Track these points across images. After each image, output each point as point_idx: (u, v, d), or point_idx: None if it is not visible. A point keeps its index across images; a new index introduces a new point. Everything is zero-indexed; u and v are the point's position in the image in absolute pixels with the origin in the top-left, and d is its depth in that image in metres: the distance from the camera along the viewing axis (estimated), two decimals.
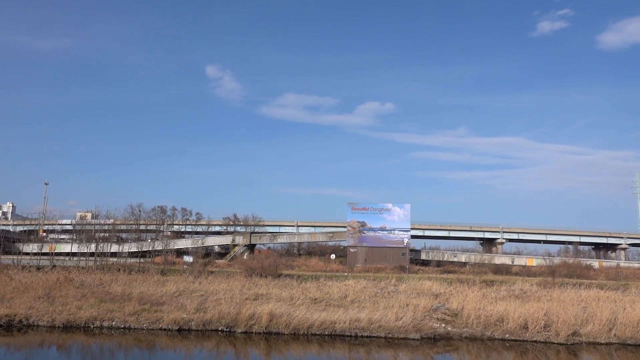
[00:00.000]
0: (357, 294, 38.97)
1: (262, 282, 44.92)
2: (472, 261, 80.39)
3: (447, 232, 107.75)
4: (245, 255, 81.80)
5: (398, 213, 79.73)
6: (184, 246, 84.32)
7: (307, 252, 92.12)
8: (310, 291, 40.00)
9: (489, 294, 40.07)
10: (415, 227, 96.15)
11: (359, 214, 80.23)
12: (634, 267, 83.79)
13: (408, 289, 42.90)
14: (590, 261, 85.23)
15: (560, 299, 38.03)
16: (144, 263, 59.69)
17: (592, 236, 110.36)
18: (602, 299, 38.09)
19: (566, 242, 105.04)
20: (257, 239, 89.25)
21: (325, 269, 65.69)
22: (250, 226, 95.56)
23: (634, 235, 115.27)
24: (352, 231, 79.67)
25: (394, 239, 78.24)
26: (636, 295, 42.07)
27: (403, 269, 66.50)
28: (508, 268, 73.84)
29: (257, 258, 64.20)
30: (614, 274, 68.32)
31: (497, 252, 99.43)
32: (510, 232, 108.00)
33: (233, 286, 41.31)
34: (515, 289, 44.87)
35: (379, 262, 74.21)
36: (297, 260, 75.84)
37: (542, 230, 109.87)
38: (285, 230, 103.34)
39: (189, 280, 44.95)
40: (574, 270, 65.27)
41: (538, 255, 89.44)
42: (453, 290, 41.79)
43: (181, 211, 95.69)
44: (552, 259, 77.39)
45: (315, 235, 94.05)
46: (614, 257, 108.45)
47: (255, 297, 36.30)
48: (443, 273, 65.30)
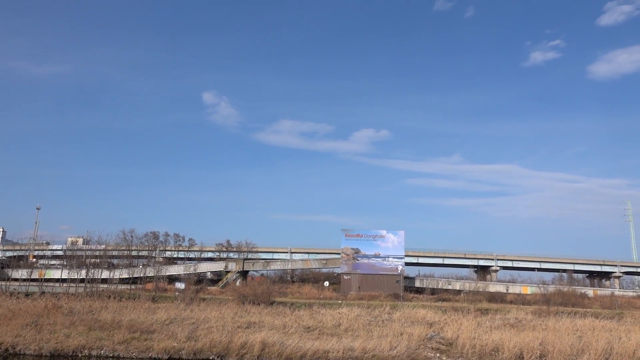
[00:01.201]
0: (350, 322, 38.48)
1: (255, 310, 44.33)
2: (467, 289, 79.86)
3: (441, 260, 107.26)
4: (237, 282, 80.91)
5: (392, 240, 79.42)
6: (176, 272, 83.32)
7: (300, 279, 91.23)
8: (303, 319, 39.48)
9: (484, 322, 39.70)
10: (409, 254, 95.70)
11: (353, 240, 79.85)
12: (628, 295, 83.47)
13: (402, 317, 42.44)
14: (584, 289, 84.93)
15: (556, 328, 37.70)
16: (134, 289, 58.86)
17: (586, 264, 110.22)
18: (598, 328, 37.80)
19: (560, 270, 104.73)
20: (250, 266, 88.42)
21: (318, 297, 64.99)
22: (243, 252, 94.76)
23: (628, 263, 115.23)
24: (345, 258, 79.16)
25: (388, 266, 77.73)
26: (631, 324, 41.80)
27: (397, 297, 65.91)
28: (503, 296, 73.34)
29: (250, 285, 63.56)
30: (608, 302, 68.01)
31: (491, 280, 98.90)
32: (505, 260, 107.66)
33: (225, 314, 40.72)
34: (510, 318, 44.49)
35: (373, 289, 73.53)
36: (291, 288, 75.03)
37: (536, 258, 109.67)
38: (278, 256, 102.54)
39: (181, 307, 44.28)
40: (569, 298, 64.97)
41: (532, 283, 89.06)
42: (447, 319, 41.37)
43: (174, 237, 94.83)
44: (546, 287, 77.06)
45: (309, 262, 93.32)
46: (608, 285, 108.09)
47: (247, 325, 35.75)
48: (437, 301, 64.76)
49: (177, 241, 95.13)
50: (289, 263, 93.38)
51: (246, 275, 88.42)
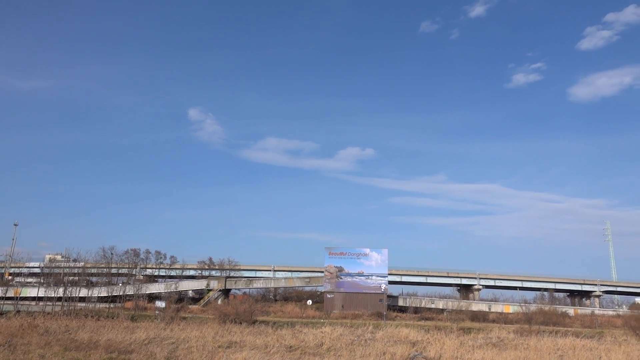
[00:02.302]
0: (333, 341, 38.12)
1: (237, 329, 43.70)
2: (450, 308, 79.93)
3: (424, 278, 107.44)
4: (219, 300, 79.88)
5: (376, 258, 79.39)
6: (157, 291, 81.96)
7: (283, 298, 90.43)
8: (285, 339, 39.01)
9: (467, 341, 39.65)
10: (392, 272, 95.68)
11: (337, 258, 79.62)
12: (608, 314, 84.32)
13: (385, 336, 42.20)
14: (565, 308, 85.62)
15: (537, 347, 37.81)
16: (113, 308, 57.70)
17: (567, 283, 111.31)
18: (578, 348, 38.02)
19: (542, 289, 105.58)
20: (232, 284, 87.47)
21: (301, 315, 64.42)
22: (225, 270, 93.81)
23: (608, 282, 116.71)
24: (329, 276, 78.79)
25: (372, 285, 77.53)
26: (611, 343, 42.11)
27: (380, 316, 65.63)
28: (485, 315, 73.51)
29: (232, 304, 62.75)
30: (589, 321, 68.58)
31: (474, 299, 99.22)
32: (487, 279, 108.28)
33: (206, 333, 40.05)
34: (493, 337, 44.55)
35: (356, 308, 73.19)
36: (273, 306, 74.29)
37: (518, 277, 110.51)
38: (261, 274, 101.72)
39: (160, 326, 43.46)
40: (550, 317, 65.34)
41: (514, 302, 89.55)
42: (430, 338, 41.25)
43: (155, 254, 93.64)
44: (528, 306, 77.47)
45: (292, 280, 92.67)
46: (589, 304, 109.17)
47: (228, 345, 35.18)
48: (420, 320, 64.64)
49: (159, 259, 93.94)
50: (272, 281, 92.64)
51: (228, 293, 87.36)
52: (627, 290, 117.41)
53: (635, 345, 39.72)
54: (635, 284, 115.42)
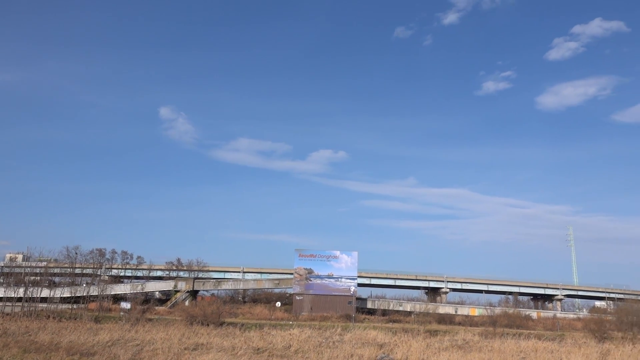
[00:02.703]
0: (301, 343, 38.06)
1: (204, 331, 43.17)
2: (417, 310, 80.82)
3: (393, 281, 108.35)
4: (187, 301, 78.76)
5: (345, 261, 79.71)
6: (122, 291, 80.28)
7: (252, 300, 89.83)
8: (253, 340, 38.75)
9: (433, 344, 40.17)
10: (362, 275, 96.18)
11: (307, 260, 79.59)
12: (569, 318, 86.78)
13: (353, 338, 42.38)
14: (529, 311, 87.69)
15: (501, 349, 38.61)
16: (76, 309, 56.23)
17: (530, 287, 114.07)
18: (540, 350, 38.97)
19: (507, 292, 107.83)
20: (200, 285, 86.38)
21: (270, 317, 64.13)
22: (194, 271, 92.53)
23: (569, 286, 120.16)
24: (299, 278, 78.68)
25: (341, 287, 77.79)
26: (572, 346, 43.35)
27: (349, 318, 65.86)
28: (452, 317, 74.66)
29: (200, 305, 61.87)
30: (550, 324, 70.44)
31: (441, 301, 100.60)
32: (454, 282, 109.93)
33: (172, 335, 39.42)
34: (458, 339, 45.25)
35: (325, 310, 73.26)
36: (242, 308, 73.72)
37: (484, 281, 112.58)
38: (230, 276, 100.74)
39: (125, 328, 42.56)
40: (514, 320, 66.82)
41: (480, 305, 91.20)
42: (398, 340, 41.63)
43: (121, 254, 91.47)
44: (493, 309, 79.05)
45: (262, 282, 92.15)
46: (551, 307, 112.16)
47: (195, 347, 34.71)
48: (388, 322, 65.15)
49: (125, 259, 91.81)
50: (241, 283, 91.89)
51: (196, 295, 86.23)
52: (587, 294, 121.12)
53: (594, 348, 40.98)
54: (596, 288, 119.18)
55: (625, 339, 49.89)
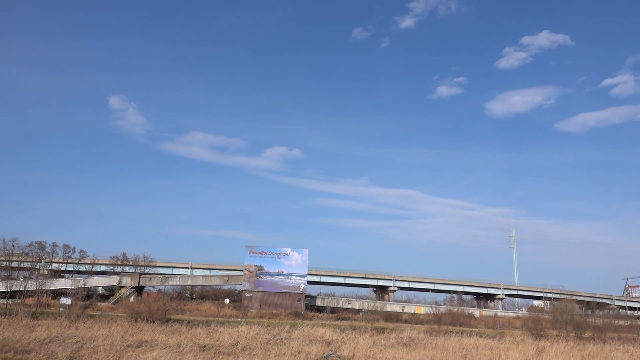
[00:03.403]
0: (248, 340, 37.76)
1: (148, 328, 42.02)
2: (365, 308, 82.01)
3: (343, 279, 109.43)
4: (132, 297, 76.56)
5: (296, 258, 79.77)
6: (63, 286, 77.09)
7: (200, 296, 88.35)
8: (199, 338, 38.11)
9: (380, 341, 40.83)
10: (312, 272, 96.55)
11: (257, 257, 79.09)
12: (509, 316, 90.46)
13: (301, 335, 42.46)
14: (472, 310, 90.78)
15: (444, 346, 39.70)
16: (12, 305, 53.49)
17: (474, 286, 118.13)
18: (481, 347, 40.36)
19: (452, 292, 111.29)
20: (146, 281, 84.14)
21: (218, 314, 63.28)
22: (140, 267, 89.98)
23: (510, 286, 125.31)
24: (248, 275, 78.06)
25: (291, 284, 77.79)
26: (510, 343, 45.15)
27: (298, 315, 65.99)
28: (398, 315, 76.21)
29: (145, 301, 60.28)
30: (492, 322, 73.18)
31: (389, 300, 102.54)
32: (402, 281, 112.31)
33: (115, 332, 38.16)
34: (404, 337, 46.21)
35: (275, 307, 73.08)
36: (189, 305, 72.37)
37: (431, 280, 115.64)
38: (178, 272, 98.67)
39: (64, 324, 40.85)
40: (458, 318, 69.00)
41: (426, 304, 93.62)
42: (345, 338, 42.03)
43: (63, 248, 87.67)
44: (438, 308, 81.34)
45: (210, 278, 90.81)
46: (493, 306, 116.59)
47: (138, 344, 33.73)
48: (337, 320, 65.73)
49: (67, 253, 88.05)
50: (188, 279, 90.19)
51: (142, 291, 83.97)
52: (526, 293, 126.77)
53: (531, 345, 42.88)
54: (534, 288, 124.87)
55: (559, 336, 52.48)
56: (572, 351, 39.42)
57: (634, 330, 67.05)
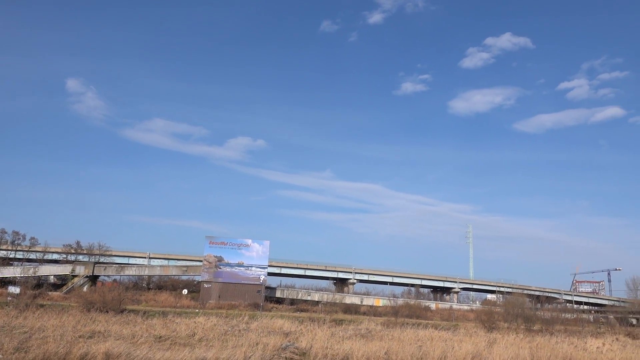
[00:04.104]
0: (206, 331, 37.38)
1: (102, 318, 40.96)
2: (325, 300, 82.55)
3: (303, 271, 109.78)
4: (85, 287, 74.42)
5: (257, 249, 79.35)
6: (11, 275, 74.18)
7: (157, 287, 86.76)
8: (155, 328, 37.44)
9: (338, 332, 41.19)
10: (273, 264, 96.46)
11: (217, 248, 78.20)
12: (463, 309, 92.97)
13: (260, 327, 42.35)
14: (428, 303, 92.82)
15: (401, 338, 40.44)
16: None
17: (431, 280, 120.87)
18: (436, 338, 41.32)
19: (409, 285, 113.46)
20: (101, 270, 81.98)
21: (175, 305, 62.33)
22: (95, 255, 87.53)
23: (466, 280, 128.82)
24: (208, 266, 77.13)
25: (251, 276, 77.39)
26: (464, 335, 46.43)
27: (257, 307, 65.77)
28: (357, 307, 77.08)
29: (99, 291, 58.62)
30: (447, 315, 75.04)
31: (348, 292, 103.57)
32: (362, 273, 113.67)
33: (66, 322, 37.01)
34: (362, 328, 46.79)
35: (234, 298, 72.59)
36: (146, 295, 70.95)
37: (390, 273, 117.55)
38: (135, 261, 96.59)
39: (12, 314, 39.31)
40: (415, 311, 70.39)
41: (384, 296, 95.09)
42: (304, 329, 42.21)
43: (12, 235, 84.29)
44: (396, 300, 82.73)
45: (168, 268, 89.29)
46: (448, 299, 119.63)
47: (90, 335, 32.83)
48: (296, 311, 65.89)
49: (16, 239, 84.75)
50: (146, 269, 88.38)
51: (96, 280, 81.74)
52: (481, 287, 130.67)
53: (483, 337, 44.24)
54: (488, 282, 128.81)
55: (510, 329, 54.37)
56: (521, 343, 40.92)
57: (579, 324, 70.19)
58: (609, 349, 41.41)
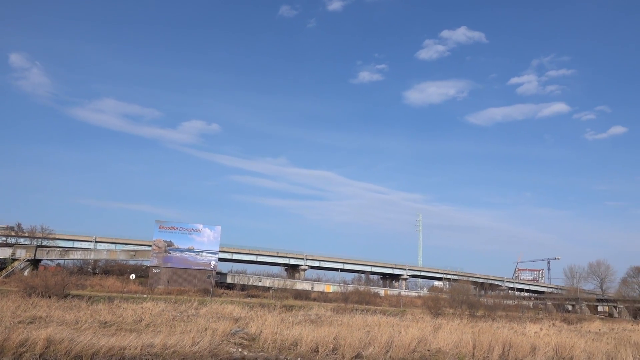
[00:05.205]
0: (153, 317, 36.79)
1: (44, 303, 39.53)
2: (276, 286, 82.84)
3: (255, 257, 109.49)
4: (26, 271, 71.43)
5: (208, 235, 78.42)
6: None
7: (104, 271, 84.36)
8: (101, 314, 36.51)
9: (288, 318, 41.51)
10: (224, 250, 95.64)
11: (167, 233, 76.72)
12: (411, 295, 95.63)
13: (209, 312, 42.10)
14: (377, 289, 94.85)
15: (350, 323, 41.22)
16: None
17: (381, 267, 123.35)
18: (383, 324, 42.38)
19: (360, 271, 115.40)
20: (44, 254, 78.82)
21: (122, 290, 60.89)
22: (37, 239, 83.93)
23: (414, 267, 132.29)
24: (157, 250, 75.60)
25: (201, 261, 76.50)
26: (410, 320, 47.87)
27: (207, 292, 65.21)
28: (308, 294, 77.83)
29: (41, 275, 56.45)
30: (395, 301, 76.98)
31: (299, 278, 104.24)
32: (313, 260, 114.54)
33: (4, 307, 35.52)
34: (312, 314, 47.36)
35: (183, 284, 71.64)
36: (91, 280, 68.89)
37: (341, 260, 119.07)
38: (80, 245, 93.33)
39: None
40: (364, 297, 71.80)
41: (335, 282, 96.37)
42: (254, 315, 42.30)
43: None
44: (346, 286, 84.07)
45: (116, 252, 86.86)
46: (397, 286, 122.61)
47: (31, 320, 31.66)
48: (247, 297, 65.82)
49: None
50: (92, 253, 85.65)
51: (38, 264, 78.56)
52: (429, 274, 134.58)
53: (429, 322, 45.75)
54: (435, 270, 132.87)
55: (455, 315, 56.47)
56: (465, 328, 42.62)
57: (519, 310, 73.77)
58: (545, 333, 43.80)
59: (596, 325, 59.94)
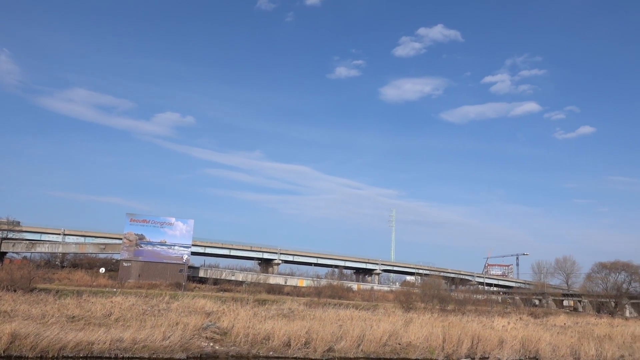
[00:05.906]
0: (123, 311, 36.22)
1: (9, 297, 38.49)
2: (249, 280, 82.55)
3: (228, 251, 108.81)
4: None
5: (181, 228, 77.51)
6: None
7: (72, 265, 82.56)
8: (68, 308, 35.75)
9: (260, 312, 41.44)
10: (197, 243, 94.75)
11: (139, 226, 75.50)
12: (384, 290, 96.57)
13: (181, 307, 41.65)
14: (350, 284, 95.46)
15: (322, 317, 41.43)
16: None
17: (354, 261, 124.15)
18: (355, 318, 42.75)
19: (333, 266, 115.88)
20: (9, 247, 76.80)
21: (91, 284, 59.69)
22: (2, 231, 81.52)
23: (387, 262, 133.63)
24: (128, 244, 74.35)
25: (174, 255, 75.62)
26: (382, 315, 48.37)
27: (179, 286, 64.49)
28: (281, 288, 77.76)
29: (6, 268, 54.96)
30: (368, 295, 77.59)
31: (273, 272, 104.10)
32: (287, 254, 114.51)
33: None
34: (285, 308, 47.34)
35: (155, 278, 70.67)
36: (59, 273, 67.35)
37: (314, 254, 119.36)
38: (48, 238, 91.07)
39: None
40: (337, 291, 72.12)
41: (308, 277, 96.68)
42: (226, 309, 42.04)
43: None
44: (319, 281, 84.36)
45: (85, 246, 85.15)
46: (370, 280, 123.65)
47: None
48: (219, 291, 65.32)
49: None
50: (60, 246, 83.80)
51: (3, 257, 76.45)
52: (401, 269, 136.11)
53: (401, 316, 46.33)
54: (408, 265, 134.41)
55: (426, 309, 57.27)
56: (435, 322, 43.32)
57: (489, 304, 75.28)
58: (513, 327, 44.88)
59: (561, 319, 61.67)
